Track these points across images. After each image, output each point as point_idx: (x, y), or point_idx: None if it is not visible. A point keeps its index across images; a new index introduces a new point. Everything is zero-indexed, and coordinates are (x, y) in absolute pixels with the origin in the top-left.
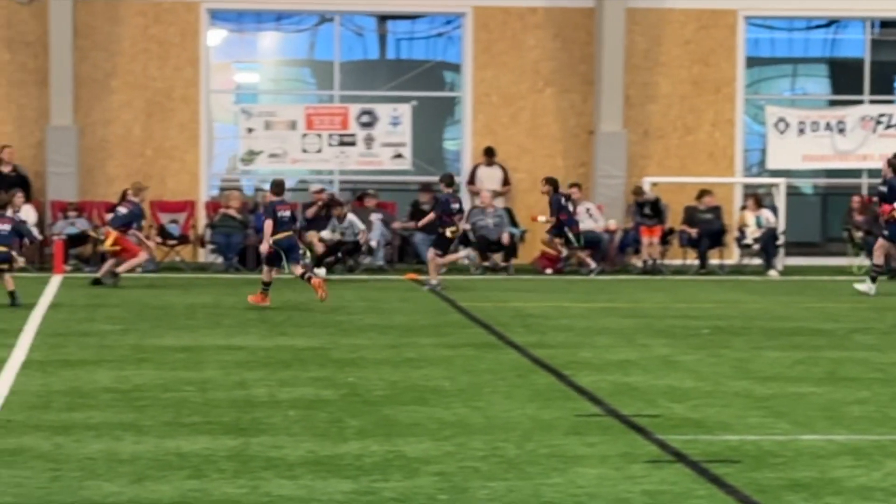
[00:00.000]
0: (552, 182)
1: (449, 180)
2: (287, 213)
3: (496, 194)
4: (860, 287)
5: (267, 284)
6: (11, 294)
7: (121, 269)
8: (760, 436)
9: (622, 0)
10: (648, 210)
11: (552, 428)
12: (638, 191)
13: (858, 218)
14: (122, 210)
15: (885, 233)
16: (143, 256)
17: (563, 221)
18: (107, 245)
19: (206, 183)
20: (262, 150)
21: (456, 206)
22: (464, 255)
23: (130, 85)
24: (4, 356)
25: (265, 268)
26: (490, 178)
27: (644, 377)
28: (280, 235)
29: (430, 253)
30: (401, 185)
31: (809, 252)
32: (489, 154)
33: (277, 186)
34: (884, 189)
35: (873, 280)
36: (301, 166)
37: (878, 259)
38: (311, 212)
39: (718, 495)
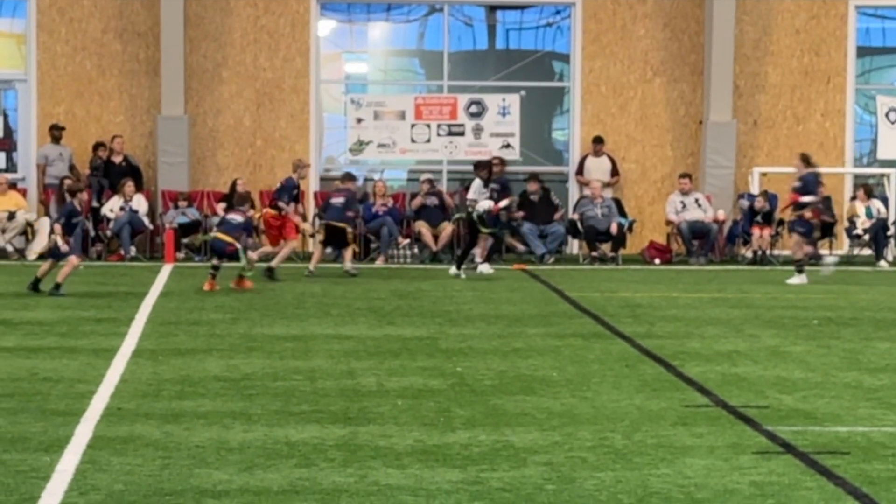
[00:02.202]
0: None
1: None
2: (236, 218)
3: (605, 185)
4: (792, 281)
5: (215, 269)
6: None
7: (276, 261)
8: (870, 427)
9: None
10: (760, 219)
11: (660, 418)
12: (765, 196)
13: None
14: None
15: (800, 230)
16: (293, 243)
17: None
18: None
19: (315, 173)
20: (371, 140)
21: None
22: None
23: (241, 75)
24: (116, 344)
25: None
26: (598, 168)
27: (753, 368)
28: (217, 234)
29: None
30: (509, 176)
31: None
32: (598, 142)
33: (238, 197)
34: (798, 185)
35: (800, 271)
36: (410, 156)
37: (799, 254)
38: (416, 202)
39: (827, 487)
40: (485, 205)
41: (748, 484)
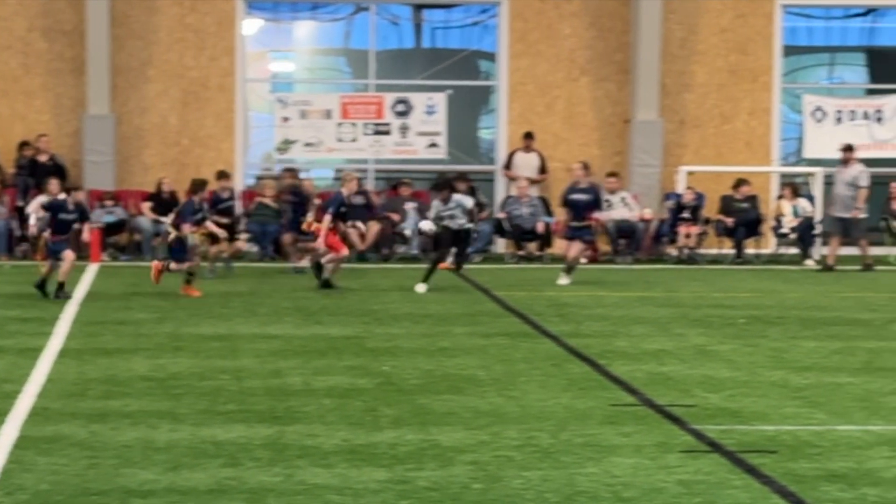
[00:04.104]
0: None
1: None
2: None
3: (532, 182)
4: (562, 281)
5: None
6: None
7: (328, 271)
8: (796, 426)
9: None
10: (688, 214)
11: (587, 417)
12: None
13: None
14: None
15: (588, 238)
16: (344, 253)
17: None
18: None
19: (241, 172)
20: (298, 139)
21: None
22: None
23: (167, 74)
24: (42, 344)
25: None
26: (527, 164)
27: (679, 367)
28: None
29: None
30: (436, 174)
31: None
32: (528, 138)
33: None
34: (585, 197)
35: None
36: (336, 155)
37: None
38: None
39: (754, 485)
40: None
41: (675, 483)
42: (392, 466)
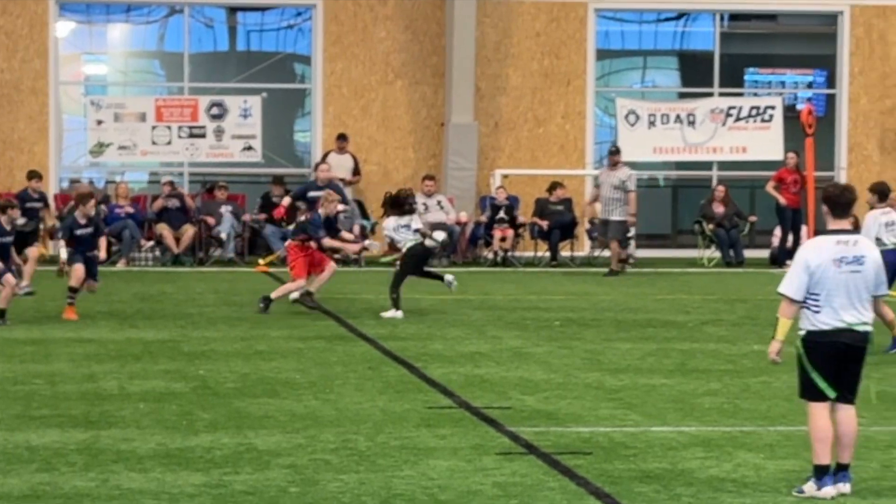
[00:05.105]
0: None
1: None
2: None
3: (346, 183)
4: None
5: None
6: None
7: (314, 287)
8: (612, 427)
9: None
10: (503, 214)
11: (403, 420)
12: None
13: (719, 209)
14: (301, 217)
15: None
16: (331, 269)
17: None
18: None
19: (55, 175)
20: (112, 143)
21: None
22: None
23: None
24: None
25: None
26: (340, 166)
27: (495, 369)
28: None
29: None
30: (251, 178)
31: (660, 244)
32: (341, 139)
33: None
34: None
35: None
36: (151, 158)
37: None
38: (157, 205)
39: (570, 487)
40: (440, 236)
41: (491, 485)
42: (208, 470)
